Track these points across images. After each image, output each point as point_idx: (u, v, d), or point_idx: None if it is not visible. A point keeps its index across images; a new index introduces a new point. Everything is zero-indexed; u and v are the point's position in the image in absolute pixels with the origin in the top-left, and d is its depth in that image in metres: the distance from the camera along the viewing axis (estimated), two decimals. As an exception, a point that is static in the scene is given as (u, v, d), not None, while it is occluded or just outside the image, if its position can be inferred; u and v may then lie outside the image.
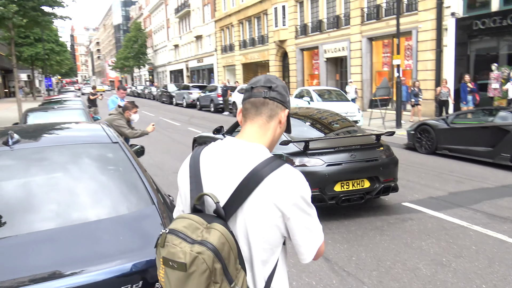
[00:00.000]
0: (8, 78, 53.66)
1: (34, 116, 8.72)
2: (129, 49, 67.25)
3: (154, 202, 2.33)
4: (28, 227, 2.10)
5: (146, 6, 76.27)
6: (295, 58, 27.98)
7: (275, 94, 1.40)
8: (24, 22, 17.69)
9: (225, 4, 39.42)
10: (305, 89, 17.22)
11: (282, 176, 1.28)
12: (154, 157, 10.33)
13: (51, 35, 44.37)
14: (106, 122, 3.71)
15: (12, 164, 2.49)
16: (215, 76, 43.23)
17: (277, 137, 1.45)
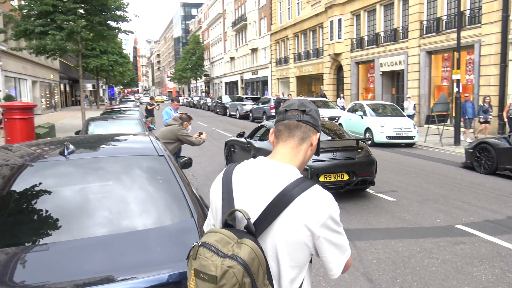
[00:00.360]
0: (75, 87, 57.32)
1: (94, 125, 9.27)
2: (187, 61, 69.56)
3: (193, 215, 2.41)
4: (82, 233, 2.25)
5: (205, 19, 78.68)
6: (350, 72, 27.64)
7: (308, 118, 1.46)
8: (91, 36, 18.92)
9: (281, 17, 39.81)
10: (358, 103, 16.95)
11: (312, 196, 1.32)
12: (205, 167, 10.58)
13: (116, 47, 46.90)
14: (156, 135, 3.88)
15: (66, 172, 2.69)
16: (269, 88, 43.59)
17: (307, 159, 1.50)
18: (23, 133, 9.77)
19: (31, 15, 17.40)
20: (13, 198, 2.52)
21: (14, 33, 17.26)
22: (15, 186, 2.60)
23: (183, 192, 2.58)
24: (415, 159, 11.92)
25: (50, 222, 2.35)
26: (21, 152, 3.10)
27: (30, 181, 2.62)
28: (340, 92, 29.43)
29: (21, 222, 2.36)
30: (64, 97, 52.02)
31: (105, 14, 18.33)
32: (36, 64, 32.88)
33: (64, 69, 45.40)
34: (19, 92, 29.71)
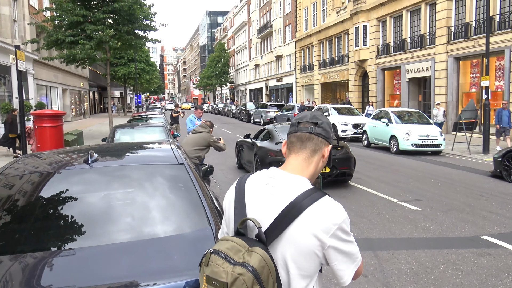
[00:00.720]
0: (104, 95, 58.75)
1: (121, 132, 9.49)
2: (212, 68, 70.34)
3: (210, 223, 2.46)
4: (106, 238, 2.33)
5: (231, 27, 79.48)
6: (375, 78, 27.37)
7: (320, 130, 1.49)
8: (119, 45, 19.39)
9: (306, 24, 39.83)
10: (383, 110, 16.77)
11: (322, 207, 1.35)
12: (227, 174, 10.67)
13: (143, 55, 47.91)
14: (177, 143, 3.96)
15: (90, 180, 2.79)
16: (293, 95, 43.57)
17: (319, 170, 1.53)
18: (53, 140, 10.09)
19: (62, 25, 18.01)
20: (40, 204, 2.63)
21: (46, 43, 17.89)
22: (42, 193, 2.72)
23: (201, 201, 2.63)
24: (441, 168, 11.69)
25: (75, 227, 2.44)
26: (49, 159, 3.23)
27: (56, 188, 2.73)
28: (366, 98, 29.18)
29: (47, 228, 2.47)
30: (93, 104, 53.36)
31: (133, 23, 18.79)
32: (66, 72, 33.91)
33: (93, 77, 46.63)
34: (50, 100, 30.69)
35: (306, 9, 39.61)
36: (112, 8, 17.57)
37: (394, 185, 9.25)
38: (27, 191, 2.72)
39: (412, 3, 23.59)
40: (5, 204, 2.59)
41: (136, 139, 9.36)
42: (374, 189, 8.83)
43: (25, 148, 9.85)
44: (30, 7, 25.70)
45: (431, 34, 22.44)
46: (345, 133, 18.83)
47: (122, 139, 9.13)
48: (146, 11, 18.87)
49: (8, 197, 2.66)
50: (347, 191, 8.67)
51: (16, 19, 23.36)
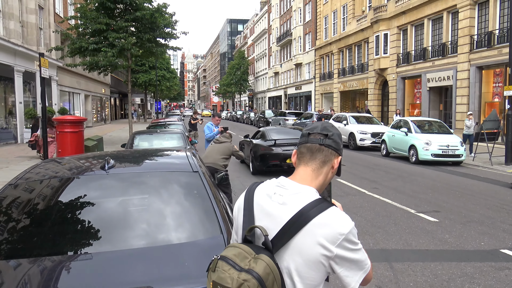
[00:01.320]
0: (125, 101, 59.68)
1: (140, 138, 9.65)
2: (232, 76, 70.82)
3: (222, 231, 2.49)
4: (122, 244, 2.39)
5: (251, 35, 79.98)
6: (396, 87, 27.13)
7: (330, 142, 1.50)
8: (140, 52, 19.74)
9: (326, 32, 39.82)
10: (403, 119, 16.59)
11: (329, 218, 1.37)
12: (243, 181, 10.71)
13: (164, 63, 48.58)
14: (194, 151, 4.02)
15: (106, 186, 2.87)
16: (312, 103, 43.49)
17: (328, 181, 1.55)
18: (73, 145, 10.33)
19: (86, 33, 18.45)
20: (59, 208, 2.72)
21: (69, 50, 18.34)
22: (61, 197, 2.81)
23: (214, 209, 2.67)
24: (462, 178, 11.49)
25: (91, 232, 2.51)
26: (68, 165, 3.33)
27: (74, 193, 2.81)
28: (386, 107, 28.94)
29: (65, 232, 2.54)
30: (114, 110, 54.25)
31: (155, 31, 19.11)
32: (89, 79, 34.64)
33: (114, 84, 47.47)
34: (72, 106, 31.36)
35: (327, 17, 39.62)
36: (134, 16, 17.94)
37: (412, 196, 9.13)
38: (46, 196, 2.80)
39: (434, 12, 23.38)
40: (25, 208, 2.69)
41: (154, 146, 9.50)
42: (391, 199, 8.74)
43: (46, 153, 10.09)
44: (56, 16, 26.40)
45: (453, 43, 22.17)
46: (364, 142, 18.68)
47: (140, 145, 9.28)
48: (167, 19, 19.17)
49: (28, 201, 2.75)
50: (363, 200, 8.60)
51: (42, 27, 24.04)
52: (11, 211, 2.67)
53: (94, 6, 18.36)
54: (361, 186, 10.09)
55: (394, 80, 27.30)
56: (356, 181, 10.72)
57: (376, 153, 17.48)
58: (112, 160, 3.00)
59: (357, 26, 32.74)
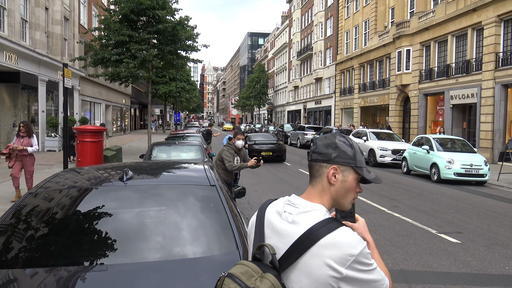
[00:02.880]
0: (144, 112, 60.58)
1: (158, 150, 9.75)
2: (251, 89, 71.25)
3: (238, 247, 2.48)
4: (138, 256, 2.40)
5: (271, 49, 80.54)
6: (418, 104, 26.84)
7: (316, 156, 1.49)
8: (161, 64, 20.08)
9: (348, 47, 39.81)
10: (424, 136, 16.37)
11: (338, 238, 1.33)
12: (261, 195, 10.68)
13: (184, 75, 49.26)
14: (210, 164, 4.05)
15: (124, 197, 2.90)
16: (331, 118, 43.33)
17: (340, 193, 1.47)
18: (93, 155, 10.49)
19: (108, 44, 18.88)
20: (76, 218, 2.75)
21: (92, 61, 18.78)
22: (79, 207, 2.85)
23: (231, 224, 2.67)
24: (485, 199, 11.22)
25: (108, 243, 2.52)
26: (87, 175, 3.38)
27: (92, 203, 2.85)
28: (407, 124, 28.61)
29: (81, 242, 2.57)
30: (134, 121, 55.08)
31: (176, 44, 19.44)
32: (110, 89, 35.32)
33: (135, 94, 48.28)
34: (93, 115, 31.97)
35: (348, 32, 39.66)
36: (156, 28, 18.29)
37: (433, 215, 8.95)
38: (65, 205, 2.85)
39: (458, 28, 23.16)
40: (44, 217, 2.73)
41: (172, 157, 9.59)
42: (411, 218, 8.58)
43: (66, 162, 10.27)
44: (80, 27, 27.13)
45: (477, 60, 21.87)
46: (384, 158, 18.47)
47: (159, 157, 9.37)
48: (189, 32, 19.49)
49: (47, 210, 2.79)
50: (382, 219, 8.47)
51: (66, 37, 24.72)
52: (30, 219, 2.71)
53: (117, 18, 18.82)
54: (380, 204, 9.95)
55: (416, 96, 27.02)
56: (375, 199, 10.58)
57: (397, 171, 17.26)
58: (131, 172, 3.04)
59: (379, 41, 32.66)
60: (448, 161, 13.81)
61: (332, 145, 1.48)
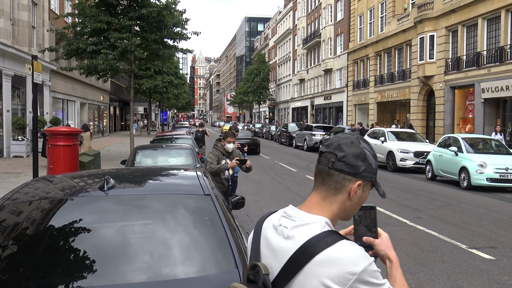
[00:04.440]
0: (126, 110, 60.63)
1: (142, 154, 9.77)
2: (250, 83, 71.41)
3: (238, 265, 2.49)
4: (120, 278, 2.40)
5: (272, 36, 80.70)
6: (443, 98, 26.88)
7: (341, 166, 1.45)
8: (145, 55, 20.11)
9: (361, 33, 39.90)
10: (452, 136, 16.40)
11: (337, 253, 1.32)
12: (262, 207, 10.70)
13: (171, 67, 49.39)
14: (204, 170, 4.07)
15: (105, 209, 2.91)
16: (343, 116, 43.41)
17: (349, 210, 1.49)
18: (67, 160, 10.51)
19: (84, 32, 18.93)
20: (49, 234, 2.76)
21: (65, 52, 18.81)
22: (52, 221, 2.86)
23: (228, 238, 2.68)
24: (524, 209, 11.25)
25: (86, 263, 2.53)
26: (61, 184, 3.39)
27: (67, 217, 2.86)
28: (432, 121, 28.64)
29: (56, 262, 2.57)
30: (113, 121, 55.11)
31: (162, 31, 19.48)
32: (85, 85, 35.37)
33: (114, 91, 48.35)
34: (66, 115, 32.01)
35: (362, 16, 39.75)
36: (139, 14, 18.31)
37: (463, 228, 8.97)
38: (36, 220, 2.86)
39: (490, 10, 23.22)
40: (11, 233, 2.73)
41: (159, 163, 9.60)
42: (437, 232, 8.60)
43: (36, 169, 10.28)
44: (51, 12, 27.19)
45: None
46: (405, 162, 18.49)
47: (143, 163, 9.39)
48: (177, 17, 19.53)
49: (15, 225, 2.80)
50: (404, 232, 8.49)
51: (35, 25, 24.76)
52: (-5, 236, 2.72)
53: (94, 2, 18.86)
54: (401, 215, 9.97)
55: (441, 89, 27.07)
56: (395, 209, 10.60)
57: (420, 176, 17.28)
58: (112, 180, 3.05)
59: (397, 26, 32.73)
60: (479, 165, 13.84)
61: (362, 156, 1.47)
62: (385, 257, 1.48)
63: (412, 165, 18.44)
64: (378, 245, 1.48)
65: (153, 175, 3.81)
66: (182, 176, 3.79)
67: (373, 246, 1.48)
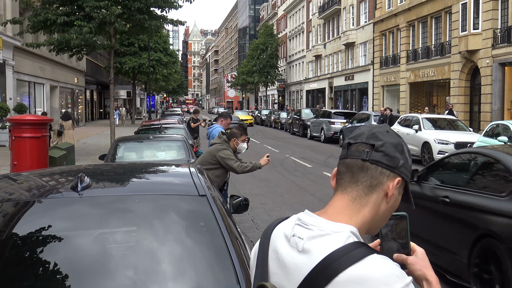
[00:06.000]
0: (105, 95, 60.64)
1: (125, 148, 9.79)
2: (255, 61, 71.05)
3: (239, 281, 2.48)
4: None
5: (282, 3, 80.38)
6: (491, 77, 26.72)
7: (379, 156, 1.43)
8: (127, 27, 20.04)
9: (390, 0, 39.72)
10: (502, 124, 16.32)
11: (366, 271, 1.28)
12: (270, 210, 10.72)
13: (160, 42, 49.30)
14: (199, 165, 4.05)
15: (79, 214, 2.91)
16: (369, 100, 43.27)
17: (382, 217, 1.47)
18: (34, 155, 10.51)
19: (53, 1, 18.87)
20: (12, 244, 2.76)
21: (31, 24, 18.79)
22: (15, 229, 2.85)
23: (228, 249, 2.67)
24: None
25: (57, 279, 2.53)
26: (27, 183, 3.39)
27: (34, 223, 2.86)
28: (476, 106, 28.50)
29: (20, 278, 2.57)
30: (90, 108, 55.22)
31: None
32: (56, 64, 35.40)
33: (91, 71, 48.38)
34: (33, 101, 32.05)
35: (390, -23, 39.53)
36: (120, -23, 18.27)
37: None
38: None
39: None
40: (-33, 243, 2.73)
41: (145, 158, 9.61)
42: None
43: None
44: (13, -24, 27.17)
45: None
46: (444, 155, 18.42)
47: (126, 157, 9.40)
48: (165, -19, 19.46)
49: (-29, 233, 2.80)
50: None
51: (-6, -8, 24.75)
52: None
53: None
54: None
55: (488, 67, 26.91)
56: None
57: (462, 173, 17.19)
58: (87, 178, 3.04)
59: (434, -11, 32.55)
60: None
61: (400, 147, 1.46)
62: (421, 278, 1.42)
63: (452, 159, 18.36)
64: (413, 263, 1.43)
65: (138, 172, 3.82)
66: (173, 173, 3.79)
67: (406, 265, 1.42)
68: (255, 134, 35.78)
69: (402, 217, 1.48)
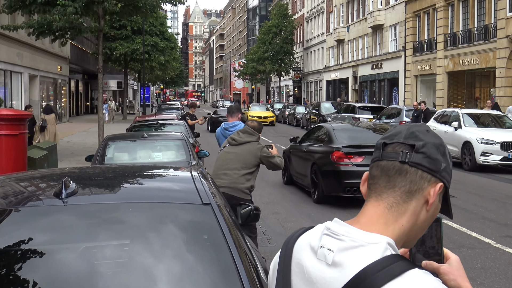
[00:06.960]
0: (93, 86, 60.73)
1: (116, 147, 9.81)
2: (266, 46, 70.90)
3: (248, 301, 2.49)
4: None
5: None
6: (543, 66, 26.62)
7: (420, 158, 1.43)
8: (118, 7, 20.08)
9: (424, -26, 39.59)
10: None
11: (405, 287, 1.31)
12: (284, 221, 10.72)
13: (156, 24, 49.20)
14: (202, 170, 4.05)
15: (63, 225, 2.91)
16: (399, 92, 43.14)
17: (421, 227, 1.49)
18: (10, 156, 10.53)
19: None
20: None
21: (7, 4, 18.86)
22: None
23: (236, 266, 2.67)
24: None
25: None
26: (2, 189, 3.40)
27: (10, 235, 2.86)
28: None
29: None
30: (75, 101, 55.33)
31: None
32: (36, 50, 35.49)
33: (77, 58, 48.45)
34: (9, 92, 32.12)
35: (425, -51, 39.43)
36: None
37: None
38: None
39: None
40: None
41: (139, 160, 9.62)
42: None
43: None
44: (-14, -52, 27.31)
45: None
46: (488, 157, 18.32)
47: (117, 159, 9.42)
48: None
49: None
50: (487, 258, 8.45)
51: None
52: None
53: None
54: (483, 233, 9.90)
55: (540, 54, 26.83)
56: (474, 224, 10.56)
57: (509, 177, 17.14)
58: (73, 183, 3.05)
59: (477, -37, 32.44)
60: None
61: (442, 148, 1.49)
62: None
63: (498, 161, 18.27)
64: (446, 273, 1.46)
65: (131, 176, 3.82)
66: (172, 177, 3.79)
67: (438, 274, 1.44)
68: (266, 131, 35.63)
69: (436, 221, 1.50)
